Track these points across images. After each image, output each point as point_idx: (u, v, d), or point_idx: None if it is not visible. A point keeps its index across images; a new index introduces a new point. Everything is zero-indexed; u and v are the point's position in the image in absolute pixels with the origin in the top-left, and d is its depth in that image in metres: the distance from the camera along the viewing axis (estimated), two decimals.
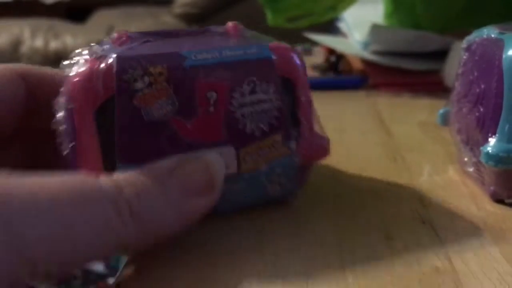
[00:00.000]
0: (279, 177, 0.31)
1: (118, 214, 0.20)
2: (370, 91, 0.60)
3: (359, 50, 0.70)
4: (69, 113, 0.26)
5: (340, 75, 0.67)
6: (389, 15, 0.71)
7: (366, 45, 0.69)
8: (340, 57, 0.70)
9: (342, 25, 0.82)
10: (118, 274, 0.26)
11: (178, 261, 0.26)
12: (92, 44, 0.28)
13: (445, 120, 0.36)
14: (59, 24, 1.68)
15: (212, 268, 0.25)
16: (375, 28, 0.68)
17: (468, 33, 0.39)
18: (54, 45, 1.51)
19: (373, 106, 0.53)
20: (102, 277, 0.29)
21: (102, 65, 0.26)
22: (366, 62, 0.68)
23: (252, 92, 0.29)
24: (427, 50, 0.65)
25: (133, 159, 0.26)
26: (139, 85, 0.27)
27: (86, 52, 0.28)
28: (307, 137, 0.31)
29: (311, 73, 0.71)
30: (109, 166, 0.26)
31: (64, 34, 1.55)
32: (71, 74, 0.26)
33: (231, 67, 0.29)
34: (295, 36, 0.76)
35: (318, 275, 0.24)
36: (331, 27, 0.85)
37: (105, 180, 0.21)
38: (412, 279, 0.23)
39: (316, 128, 0.31)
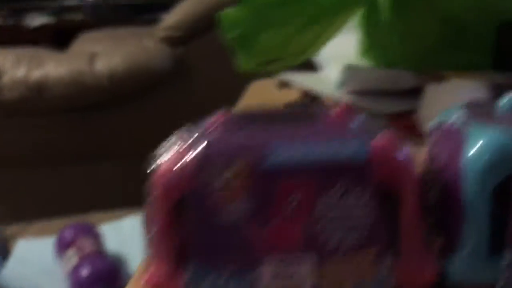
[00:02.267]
0: None
1: None
2: None
3: (333, 90, 0.69)
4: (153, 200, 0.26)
5: None
6: (364, 52, 0.71)
7: (341, 84, 0.68)
8: (315, 98, 0.69)
9: (319, 59, 0.82)
10: None
11: None
12: (184, 128, 0.27)
13: None
14: (43, 52, 1.63)
15: None
16: (349, 68, 0.68)
17: (441, 75, 0.36)
18: (36, 74, 1.44)
19: None
20: None
21: (185, 159, 0.25)
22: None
23: (342, 198, 0.24)
24: (401, 89, 0.65)
25: (204, 260, 0.25)
26: (216, 185, 0.24)
27: (177, 141, 0.27)
28: (408, 257, 0.26)
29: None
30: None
31: (47, 63, 1.49)
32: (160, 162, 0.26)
33: (319, 168, 0.24)
34: None
35: None
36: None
37: None
38: None
39: (421, 246, 0.26)
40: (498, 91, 0.58)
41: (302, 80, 0.77)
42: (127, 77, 1.61)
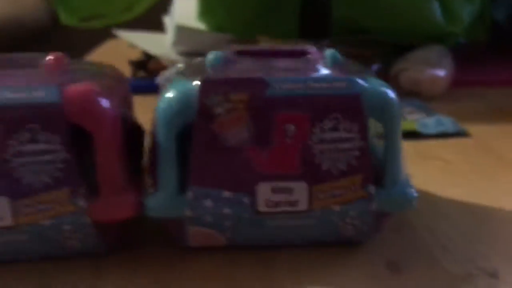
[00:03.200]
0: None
1: None
2: None
3: (167, 50, 0.72)
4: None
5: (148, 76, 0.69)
6: (199, 15, 0.74)
7: (173, 44, 0.72)
8: (150, 56, 0.71)
9: (167, 20, 0.83)
10: None
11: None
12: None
13: None
14: None
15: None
16: (180, 29, 0.71)
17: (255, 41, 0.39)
18: None
19: None
20: None
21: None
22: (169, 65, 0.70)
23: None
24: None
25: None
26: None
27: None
28: (105, 196, 0.28)
29: (126, 69, 0.72)
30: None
31: None
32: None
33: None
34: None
35: None
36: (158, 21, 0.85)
37: None
38: None
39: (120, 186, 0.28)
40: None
41: (138, 40, 0.77)
42: None
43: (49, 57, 0.29)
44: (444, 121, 0.52)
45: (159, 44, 0.76)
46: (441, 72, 0.62)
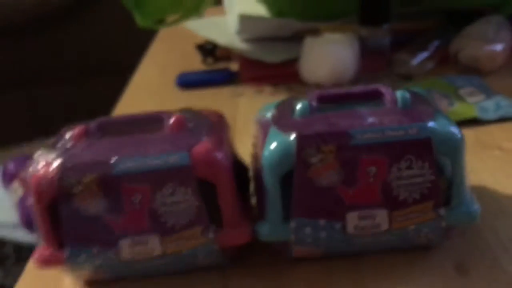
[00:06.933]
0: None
1: None
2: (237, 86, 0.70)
3: (231, 38, 0.76)
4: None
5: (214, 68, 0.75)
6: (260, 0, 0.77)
7: (237, 33, 0.76)
8: (215, 45, 0.77)
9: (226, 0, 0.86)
10: None
11: None
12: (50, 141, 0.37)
13: None
14: None
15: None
16: (243, 18, 0.75)
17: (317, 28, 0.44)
18: None
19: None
20: (33, 249, 0.37)
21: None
22: (235, 53, 0.76)
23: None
24: (287, 36, 0.74)
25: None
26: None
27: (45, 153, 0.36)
28: (227, 228, 0.36)
29: (191, 56, 0.80)
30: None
31: None
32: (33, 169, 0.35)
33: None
34: None
35: None
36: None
37: None
38: None
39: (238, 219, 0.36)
40: (363, 43, 0.67)
41: (203, 29, 0.82)
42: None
43: (171, 120, 0.36)
44: (503, 104, 0.56)
45: (223, 31, 0.80)
46: (499, 47, 0.64)
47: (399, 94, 0.36)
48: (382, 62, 0.66)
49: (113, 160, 0.33)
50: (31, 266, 0.41)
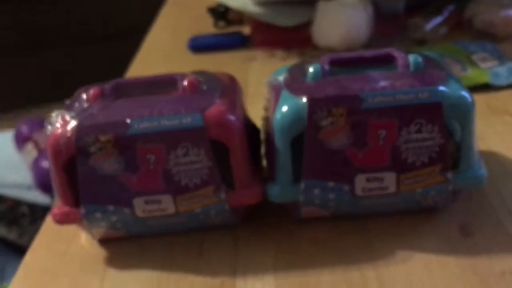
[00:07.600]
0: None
1: None
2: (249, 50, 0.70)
3: (242, 0, 0.75)
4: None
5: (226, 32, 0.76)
6: None
7: None
8: (227, 8, 0.76)
9: None
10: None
11: None
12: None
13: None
14: None
15: None
16: None
17: None
18: None
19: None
20: (47, 209, 0.38)
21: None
22: (248, 16, 0.75)
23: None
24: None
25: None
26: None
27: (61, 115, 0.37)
28: (239, 188, 0.37)
29: (203, 19, 0.79)
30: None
31: None
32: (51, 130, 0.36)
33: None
34: None
35: None
36: None
37: None
38: None
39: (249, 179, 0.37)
40: (376, 8, 0.66)
41: None
42: None
43: (185, 81, 0.37)
44: None
45: None
46: None
47: (411, 58, 0.36)
48: (396, 27, 0.66)
49: (128, 120, 0.34)
50: (47, 224, 0.42)
